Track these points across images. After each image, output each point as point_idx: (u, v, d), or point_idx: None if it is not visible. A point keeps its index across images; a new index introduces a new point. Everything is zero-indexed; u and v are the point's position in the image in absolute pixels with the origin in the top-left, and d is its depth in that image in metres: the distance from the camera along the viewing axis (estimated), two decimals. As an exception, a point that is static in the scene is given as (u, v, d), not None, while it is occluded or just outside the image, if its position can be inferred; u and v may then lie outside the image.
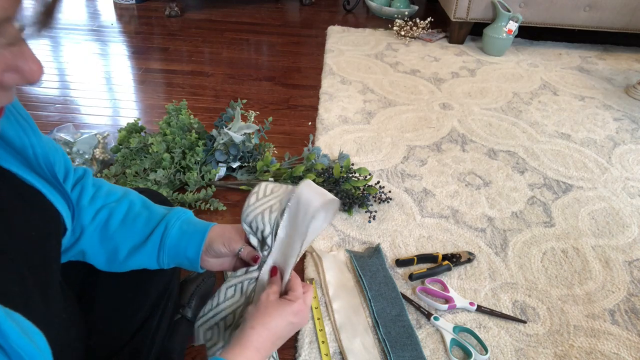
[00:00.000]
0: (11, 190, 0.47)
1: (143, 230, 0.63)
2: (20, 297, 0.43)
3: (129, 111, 1.67)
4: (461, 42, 2.36)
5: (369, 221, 1.18)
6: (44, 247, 0.50)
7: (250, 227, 0.59)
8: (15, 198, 0.47)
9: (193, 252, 0.63)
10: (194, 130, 1.33)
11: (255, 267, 0.61)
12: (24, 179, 0.49)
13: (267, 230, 0.58)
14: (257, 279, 0.61)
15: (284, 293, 0.60)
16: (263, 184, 0.60)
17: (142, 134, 1.36)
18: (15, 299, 0.41)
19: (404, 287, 1.02)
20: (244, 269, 0.61)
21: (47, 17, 0.35)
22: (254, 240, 0.60)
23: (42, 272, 0.48)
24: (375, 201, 1.24)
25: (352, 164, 1.35)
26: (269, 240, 0.59)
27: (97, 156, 1.30)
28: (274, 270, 0.61)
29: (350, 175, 1.26)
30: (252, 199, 0.59)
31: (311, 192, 0.58)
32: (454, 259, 1.06)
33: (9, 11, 0.32)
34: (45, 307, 0.47)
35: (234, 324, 0.61)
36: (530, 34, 2.43)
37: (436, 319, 0.93)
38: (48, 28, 0.36)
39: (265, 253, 0.60)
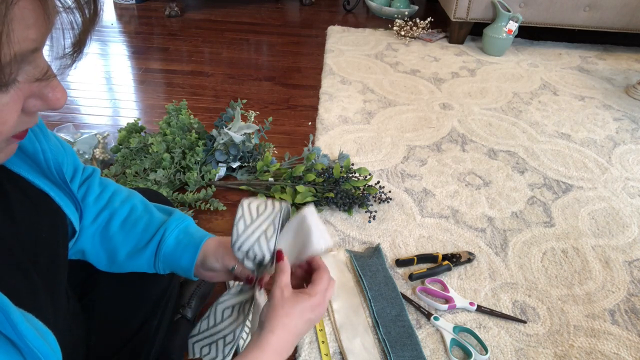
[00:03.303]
0: (22, 195, 0.48)
1: (142, 236, 0.64)
2: (30, 299, 0.44)
3: (129, 111, 1.67)
4: (461, 42, 2.36)
5: (369, 221, 1.18)
6: (52, 249, 0.51)
7: (247, 254, 0.56)
8: (26, 202, 0.48)
9: (187, 263, 0.63)
10: (194, 130, 1.33)
11: (250, 287, 0.60)
12: (34, 183, 0.50)
13: (267, 257, 0.56)
14: (253, 297, 0.60)
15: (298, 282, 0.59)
16: (245, 205, 0.57)
17: (142, 134, 1.36)
18: (25, 300, 0.41)
19: (404, 287, 1.02)
20: (238, 286, 0.61)
21: (77, 48, 0.36)
22: (248, 264, 0.58)
23: (50, 273, 0.49)
24: (375, 201, 1.24)
25: (352, 164, 1.35)
26: (268, 266, 0.57)
27: (97, 156, 1.30)
28: (279, 255, 0.57)
29: (350, 175, 1.26)
30: (240, 226, 0.55)
31: (316, 228, 0.56)
32: (454, 259, 1.06)
33: (38, 43, 0.33)
34: (53, 308, 0.48)
35: (234, 341, 0.60)
36: (530, 34, 2.43)
37: (436, 319, 0.93)
38: (78, 60, 0.36)
39: (260, 273, 0.59)
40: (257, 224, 0.55)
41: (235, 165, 1.32)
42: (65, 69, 0.36)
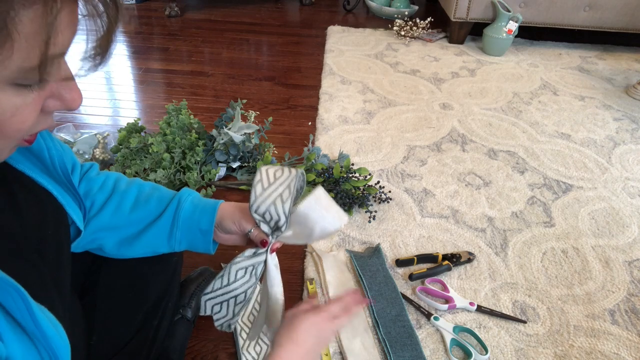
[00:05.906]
0: (28, 193, 0.49)
1: (157, 208, 0.65)
2: (42, 292, 0.44)
3: (129, 111, 1.67)
4: (461, 42, 2.36)
5: (369, 221, 1.18)
6: (58, 246, 0.52)
7: (263, 217, 0.59)
8: (32, 200, 0.49)
9: (206, 224, 0.64)
10: (194, 130, 1.33)
11: (264, 250, 0.62)
12: (38, 181, 0.50)
13: (282, 220, 0.59)
14: (265, 261, 0.63)
15: None
16: (264, 171, 0.60)
17: (142, 134, 1.36)
18: (38, 293, 0.42)
19: (404, 287, 1.02)
20: (252, 250, 0.62)
21: (101, 51, 0.37)
22: (264, 227, 0.61)
23: (56, 270, 0.50)
24: (375, 201, 1.24)
25: (352, 164, 1.35)
26: (283, 228, 0.60)
27: (97, 156, 1.30)
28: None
29: (350, 175, 1.26)
30: (258, 188, 0.58)
31: (327, 210, 0.59)
32: (454, 259, 1.06)
33: (65, 47, 0.35)
34: (60, 303, 0.48)
35: (245, 301, 0.64)
36: (530, 34, 2.43)
37: (436, 319, 0.93)
38: (104, 64, 0.38)
39: (275, 237, 0.61)
40: (273, 188, 0.58)
41: (235, 165, 1.32)
42: (90, 70, 0.38)
